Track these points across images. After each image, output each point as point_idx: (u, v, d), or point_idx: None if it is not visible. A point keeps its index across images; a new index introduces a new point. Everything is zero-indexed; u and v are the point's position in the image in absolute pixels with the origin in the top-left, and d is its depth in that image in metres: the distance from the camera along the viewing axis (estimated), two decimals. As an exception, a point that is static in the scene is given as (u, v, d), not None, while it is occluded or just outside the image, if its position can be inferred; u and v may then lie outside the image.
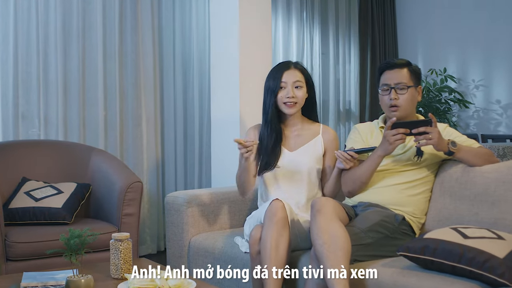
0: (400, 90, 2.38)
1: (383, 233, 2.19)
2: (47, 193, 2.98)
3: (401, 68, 2.41)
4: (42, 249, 2.54)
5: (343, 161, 2.38)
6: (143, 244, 4.11)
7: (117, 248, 2.07)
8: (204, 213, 2.80)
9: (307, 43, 5.43)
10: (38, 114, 3.69)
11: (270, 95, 2.50)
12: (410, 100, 2.39)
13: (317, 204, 2.11)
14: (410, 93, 2.39)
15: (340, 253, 1.95)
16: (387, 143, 2.27)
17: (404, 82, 2.39)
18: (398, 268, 1.98)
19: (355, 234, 2.12)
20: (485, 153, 2.33)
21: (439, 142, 2.21)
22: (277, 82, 2.48)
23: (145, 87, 4.14)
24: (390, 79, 2.41)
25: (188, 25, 4.45)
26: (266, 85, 2.54)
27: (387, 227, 2.21)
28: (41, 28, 3.67)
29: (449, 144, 2.25)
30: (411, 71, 2.42)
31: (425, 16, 5.88)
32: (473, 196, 2.27)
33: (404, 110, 2.39)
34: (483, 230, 1.95)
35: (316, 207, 2.10)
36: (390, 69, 2.43)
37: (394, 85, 2.39)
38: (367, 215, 2.24)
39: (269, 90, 2.51)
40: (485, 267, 1.75)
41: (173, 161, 4.35)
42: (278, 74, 2.50)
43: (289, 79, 2.49)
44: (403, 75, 2.40)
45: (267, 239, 2.17)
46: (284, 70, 2.51)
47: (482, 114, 5.52)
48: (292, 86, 2.49)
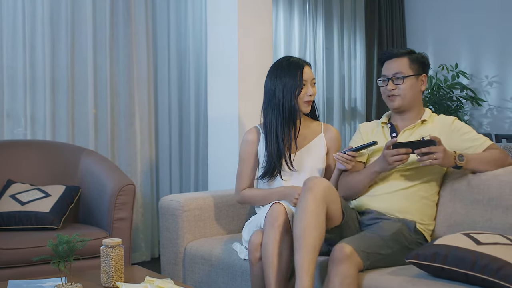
0: (397, 80, 2.42)
1: (402, 243, 2.19)
2: (34, 196, 2.98)
3: (400, 57, 2.45)
4: (28, 256, 2.53)
5: (343, 162, 2.41)
6: (135, 250, 4.12)
7: (108, 255, 2.07)
8: (201, 217, 2.80)
9: (310, 37, 5.43)
10: (24, 113, 3.69)
11: (291, 94, 2.50)
12: (409, 89, 2.42)
13: (309, 182, 2.15)
14: (410, 83, 2.42)
15: (311, 250, 2.03)
16: (385, 163, 2.29)
17: (402, 71, 2.42)
18: (407, 276, 1.98)
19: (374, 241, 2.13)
20: (498, 158, 2.31)
21: (444, 162, 2.22)
22: (299, 81, 2.50)
23: (138, 83, 4.14)
24: (388, 69, 2.46)
25: (184, 18, 4.46)
26: (280, 84, 2.52)
27: (406, 237, 2.22)
28: (27, 20, 3.67)
29: (456, 158, 2.24)
30: (412, 59, 2.44)
31: (436, 7, 5.89)
32: (486, 201, 2.27)
33: (402, 99, 2.42)
34: (497, 236, 1.95)
35: (308, 185, 2.14)
36: (389, 59, 2.47)
37: (392, 75, 2.44)
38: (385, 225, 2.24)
39: (285, 89, 2.51)
40: (499, 275, 1.75)
41: (168, 162, 4.35)
42: (297, 72, 2.51)
43: (308, 77, 2.53)
44: (402, 65, 2.43)
45: (269, 246, 2.18)
46: (302, 67, 2.54)
47: (496, 112, 5.53)
48: (311, 84, 2.54)
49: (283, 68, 2.54)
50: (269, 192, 2.52)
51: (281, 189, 2.49)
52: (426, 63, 2.49)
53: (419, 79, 2.45)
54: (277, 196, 2.46)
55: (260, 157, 2.60)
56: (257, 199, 2.57)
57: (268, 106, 2.55)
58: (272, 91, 2.53)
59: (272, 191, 2.52)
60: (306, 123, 2.63)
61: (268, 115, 2.54)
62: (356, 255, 2.02)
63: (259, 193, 2.57)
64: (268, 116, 2.54)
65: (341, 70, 5.68)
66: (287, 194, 2.44)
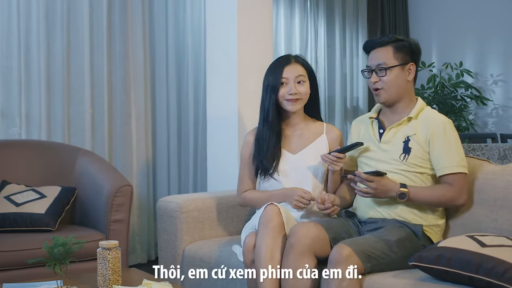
0: (380, 72, 2.34)
1: (407, 250, 2.16)
2: (29, 197, 2.98)
3: (384, 46, 2.37)
4: (23, 258, 2.54)
5: (330, 163, 2.42)
6: (133, 253, 4.12)
7: (105, 258, 2.07)
8: (200, 219, 2.80)
9: (311, 34, 5.43)
10: (19, 112, 3.68)
11: (270, 93, 2.50)
12: (394, 81, 2.34)
13: (292, 237, 2.17)
14: (394, 74, 2.33)
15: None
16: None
17: (386, 62, 2.34)
18: (411, 279, 1.98)
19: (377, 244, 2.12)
20: (443, 200, 2.27)
21: (379, 196, 2.28)
22: (278, 79, 2.49)
23: (135, 82, 4.14)
24: (371, 59, 2.39)
25: (182, 15, 4.45)
26: (265, 83, 2.55)
27: (412, 243, 2.21)
28: (22, 19, 3.67)
29: (396, 195, 2.24)
30: (397, 48, 2.35)
31: (440, 4, 5.88)
32: (493, 201, 2.27)
33: (387, 92, 2.35)
34: (502, 238, 1.95)
35: (291, 241, 2.16)
36: (373, 49, 2.40)
37: (375, 67, 2.37)
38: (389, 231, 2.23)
39: (268, 88, 2.52)
40: (504, 278, 1.76)
41: (166, 163, 4.35)
42: (279, 70, 2.51)
43: (291, 75, 2.50)
44: (386, 55, 2.35)
45: (262, 248, 2.20)
46: (285, 65, 2.51)
47: (501, 112, 5.52)
48: (294, 82, 2.49)
49: (270, 67, 2.56)
50: (269, 194, 2.52)
51: (281, 191, 2.49)
52: (415, 50, 2.38)
53: (406, 69, 2.36)
54: (278, 198, 2.47)
55: None
56: (258, 201, 2.57)
57: (260, 106, 2.58)
58: (262, 91, 2.56)
59: (272, 193, 2.52)
60: (308, 124, 2.62)
61: (259, 115, 2.58)
62: (356, 257, 2.01)
63: (260, 195, 2.58)
64: (259, 116, 2.58)
65: (343, 68, 5.68)
66: (288, 196, 2.45)
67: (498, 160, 3.70)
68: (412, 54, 2.38)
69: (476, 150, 3.80)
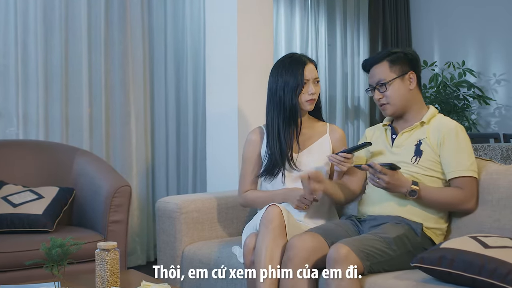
0: (381, 88, 2.41)
1: (406, 247, 2.17)
2: (26, 198, 2.98)
3: (380, 63, 2.44)
4: (20, 260, 2.54)
5: (337, 164, 2.42)
6: (131, 254, 4.12)
7: (103, 259, 2.06)
8: (199, 220, 2.80)
9: (311, 33, 5.43)
10: (16, 112, 3.69)
11: (291, 93, 2.50)
12: (396, 94, 2.40)
13: (290, 251, 2.15)
14: (395, 87, 2.39)
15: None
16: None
17: (384, 78, 2.40)
18: (412, 280, 1.98)
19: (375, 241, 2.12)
20: (452, 202, 2.28)
21: (391, 191, 2.27)
22: (300, 79, 2.50)
23: (134, 81, 4.14)
24: (371, 77, 2.47)
25: (181, 13, 4.45)
26: (281, 82, 2.53)
27: (410, 241, 2.21)
28: (19, 17, 3.67)
29: (407, 193, 2.24)
30: (392, 61, 2.41)
31: (442, 2, 5.88)
32: (496, 201, 2.27)
33: (392, 106, 2.42)
34: (506, 239, 1.95)
35: (288, 254, 2.15)
36: (371, 67, 2.47)
37: (376, 84, 2.44)
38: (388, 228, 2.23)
39: (287, 87, 2.51)
40: (507, 280, 1.75)
41: (165, 163, 4.35)
42: (299, 70, 2.51)
43: (310, 75, 2.52)
44: (382, 71, 2.41)
45: (262, 248, 2.20)
46: (304, 65, 2.53)
47: (504, 111, 5.52)
48: (313, 82, 2.53)
49: (285, 65, 2.54)
50: (271, 194, 2.52)
51: (283, 191, 2.49)
52: (411, 58, 2.43)
53: (406, 79, 2.41)
54: (280, 198, 2.47)
55: (264, 158, 2.60)
56: (259, 202, 2.57)
57: (270, 104, 2.56)
58: (273, 89, 2.54)
59: (274, 193, 2.52)
60: (311, 123, 2.63)
61: (270, 113, 2.55)
62: (354, 256, 2.01)
63: (261, 195, 2.58)
64: (270, 114, 2.56)
65: (344, 68, 5.68)
66: (290, 196, 2.45)
67: (501, 160, 3.71)
68: (410, 63, 2.43)
69: (479, 150, 3.80)
